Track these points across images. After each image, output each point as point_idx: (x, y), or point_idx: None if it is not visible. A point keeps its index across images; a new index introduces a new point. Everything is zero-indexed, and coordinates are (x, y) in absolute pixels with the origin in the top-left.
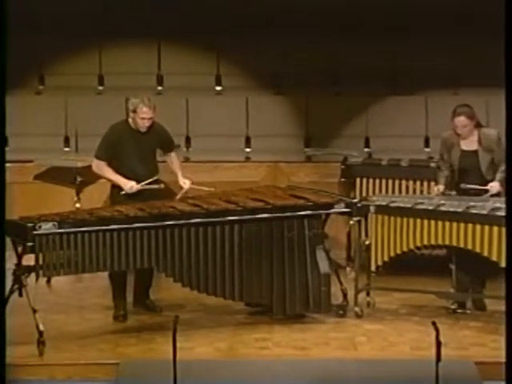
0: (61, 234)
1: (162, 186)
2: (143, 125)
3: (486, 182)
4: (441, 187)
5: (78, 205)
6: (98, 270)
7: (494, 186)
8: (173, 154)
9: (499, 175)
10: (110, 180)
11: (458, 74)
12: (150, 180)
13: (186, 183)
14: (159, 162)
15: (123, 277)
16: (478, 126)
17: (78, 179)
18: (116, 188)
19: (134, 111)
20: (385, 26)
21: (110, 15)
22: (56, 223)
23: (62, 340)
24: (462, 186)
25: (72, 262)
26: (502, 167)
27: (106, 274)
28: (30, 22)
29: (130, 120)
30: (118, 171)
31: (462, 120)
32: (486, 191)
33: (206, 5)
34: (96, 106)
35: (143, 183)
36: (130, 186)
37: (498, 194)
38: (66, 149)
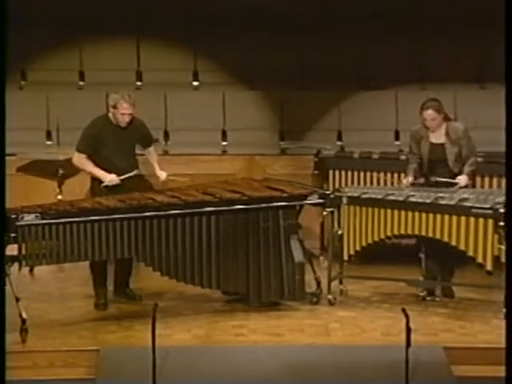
0: (43, 224)
1: (138, 171)
2: (123, 120)
3: (454, 175)
4: (410, 179)
5: (59, 196)
6: (80, 259)
7: (463, 179)
8: (151, 149)
9: (467, 169)
10: (90, 173)
11: (426, 70)
12: (130, 174)
13: (162, 174)
14: (138, 154)
15: (103, 266)
16: (446, 119)
17: (60, 172)
18: (96, 181)
19: (115, 107)
20: (355, 22)
21: (90, 12)
22: (38, 214)
23: (45, 328)
24: (433, 178)
25: (54, 252)
26: (470, 160)
27: (86, 264)
28: (12, 19)
29: (111, 115)
30: (98, 165)
31: (430, 113)
32: (455, 184)
33: (184, 2)
34: (77, 100)
35: (123, 177)
36: (109, 178)
37: (466, 186)
38: (48, 142)
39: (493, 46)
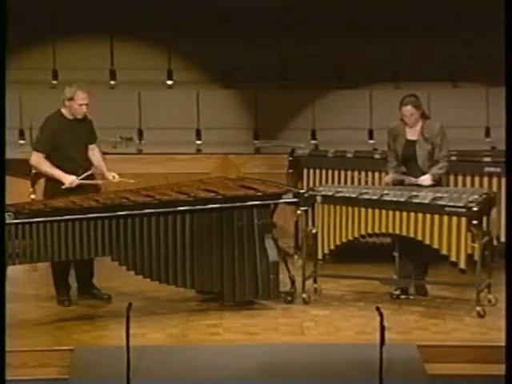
0: (16, 224)
1: (101, 181)
2: (81, 111)
3: (424, 173)
4: (390, 176)
5: (32, 196)
6: (53, 259)
7: (424, 180)
8: (94, 146)
9: (435, 170)
10: (48, 174)
11: (400, 69)
12: (88, 173)
13: (115, 177)
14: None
15: (65, 265)
16: (424, 117)
17: (33, 171)
18: (51, 181)
19: (71, 99)
20: (330, 22)
21: (64, 11)
22: (11, 214)
23: (18, 327)
24: (395, 176)
25: (27, 252)
26: (441, 163)
27: None
28: None
29: (65, 110)
30: (57, 162)
31: (408, 109)
32: (417, 183)
33: (158, 1)
34: (50, 99)
35: (81, 177)
36: (70, 180)
37: (433, 186)
38: (21, 141)
39: (466, 45)
